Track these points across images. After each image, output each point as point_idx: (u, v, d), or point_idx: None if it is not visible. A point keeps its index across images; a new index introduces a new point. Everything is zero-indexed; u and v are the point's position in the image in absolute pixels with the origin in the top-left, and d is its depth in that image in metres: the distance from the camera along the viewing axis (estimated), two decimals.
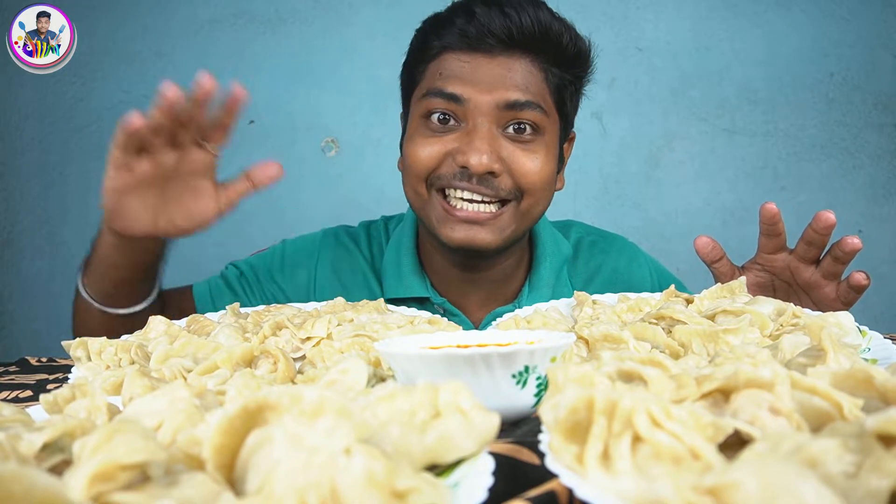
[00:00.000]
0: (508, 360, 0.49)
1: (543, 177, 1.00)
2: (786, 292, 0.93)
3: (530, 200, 1.00)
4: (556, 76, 1.01)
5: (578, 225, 1.26)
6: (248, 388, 0.51)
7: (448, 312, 1.10)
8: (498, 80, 0.97)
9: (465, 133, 0.97)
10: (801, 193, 2.19)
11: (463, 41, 0.98)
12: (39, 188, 2.24)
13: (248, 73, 2.23)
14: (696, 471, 0.32)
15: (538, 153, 0.99)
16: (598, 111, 2.24)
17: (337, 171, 2.24)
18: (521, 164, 0.98)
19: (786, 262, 0.90)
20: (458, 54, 0.98)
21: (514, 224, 1.01)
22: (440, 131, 0.99)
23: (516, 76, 0.97)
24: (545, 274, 1.12)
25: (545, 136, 1.01)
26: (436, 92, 0.98)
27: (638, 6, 2.24)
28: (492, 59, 0.97)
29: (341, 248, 1.19)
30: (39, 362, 0.94)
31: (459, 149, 0.97)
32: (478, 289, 1.11)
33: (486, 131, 0.96)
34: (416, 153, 1.00)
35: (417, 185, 1.02)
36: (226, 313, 0.91)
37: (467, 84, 0.97)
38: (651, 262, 1.24)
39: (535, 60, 0.99)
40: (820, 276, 0.88)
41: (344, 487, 0.29)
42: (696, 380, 0.40)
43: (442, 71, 0.99)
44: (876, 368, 0.40)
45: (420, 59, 1.03)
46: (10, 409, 0.43)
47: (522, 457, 0.41)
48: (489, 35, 0.96)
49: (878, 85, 2.22)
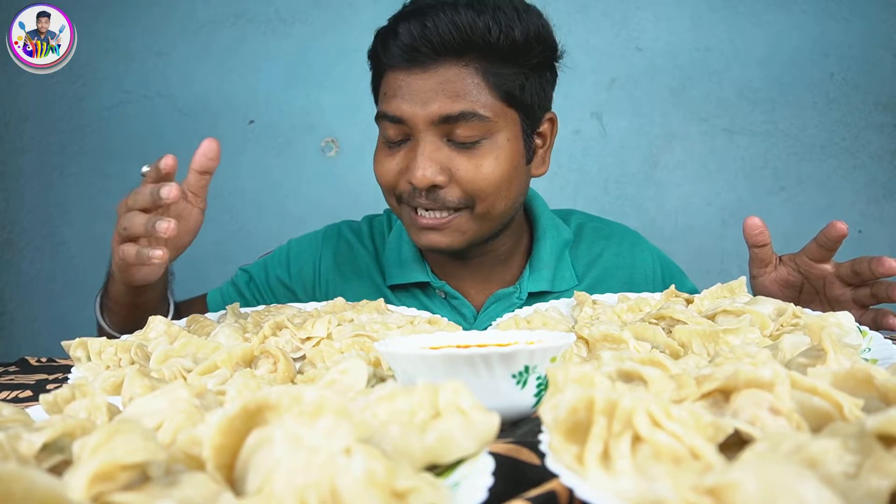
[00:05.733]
0: (508, 360, 0.49)
1: (493, 180, 0.98)
2: (810, 297, 0.93)
3: (485, 204, 1.00)
4: (496, 74, 0.97)
5: (579, 213, 1.26)
6: (248, 388, 0.51)
7: (449, 296, 1.12)
8: (431, 94, 0.95)
9: (411, 149, 0.99)
10: (801, 193, 2.19)
11: (399, 58, 0.97)
12: (39, 188, 2.24)
13: (248, 73, 2.23)
14: (696, 471, 0.32)
15: (486, 157, 0.98)
16: (598, 111, 2.24)
17: (337, 170, 2.25)
18: (466, 173, 0.97)
19: (823, 273, 0.90)
20: (396, 72, 0.99)
21: (472, 226, 1.02)
22: (395, 148, 1.01)
23: (449, 86, 0.95)
24: (545, 255, 1.13)
25: (494, 136, 0.98)
26: (382, 115, 1.00)
27: (638, 6, 2.24)
28: (425, 72, 0.96)
29: (343, 243, 1.21)
30: (39, 362, 0.94)
31: (407, 166, 0.99)
32: (475, 274, 1.13)
33: (428, 145, 0.97)
34: (378, 170, 1.04)
35: (389, 198, 1.06)
36: (226, 313, 0.91)
37: (405, 102, 0.97)
38: (653, 249, 1.24)
39: (470, 63, 0.96)
40: (850, 300, 0.88)
41: (344, 487, 0.29)
42: (696, 380, 0.40)
43: (386, 91, 1.00)
44: (876, 368, 0.40)
45: (375, 75, 1.06)
46: (10, 409, 0.43)
47: (522, 457, 0.41)
48: (414, 50, 0.95)
49: (878, 85, 2.22)
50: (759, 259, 0.93)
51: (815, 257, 0.89)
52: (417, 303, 1.12)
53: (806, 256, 0.90)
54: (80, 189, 2.24)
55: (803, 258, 0.91)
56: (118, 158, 2.21)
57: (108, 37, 2.20)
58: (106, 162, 2.22)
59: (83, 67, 2.19)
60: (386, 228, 1.22)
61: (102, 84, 2.22)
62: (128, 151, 2.21)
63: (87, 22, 2.15)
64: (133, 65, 2.22)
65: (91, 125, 2.23)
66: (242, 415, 0.34)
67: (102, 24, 2.19)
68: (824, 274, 0.90)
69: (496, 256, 1.12)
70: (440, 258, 1.13)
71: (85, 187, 2.23)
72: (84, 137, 2.23)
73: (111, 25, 2.21)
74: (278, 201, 2.23)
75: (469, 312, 1.11)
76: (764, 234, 0.92)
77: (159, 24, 2.22)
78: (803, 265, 0.91)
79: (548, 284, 1.11)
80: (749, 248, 0.93)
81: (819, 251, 0.88)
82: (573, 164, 2.23)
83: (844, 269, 0.88)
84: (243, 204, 2.23)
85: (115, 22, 2.21)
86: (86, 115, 2.22)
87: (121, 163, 2.20)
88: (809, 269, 0.91)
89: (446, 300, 1.12)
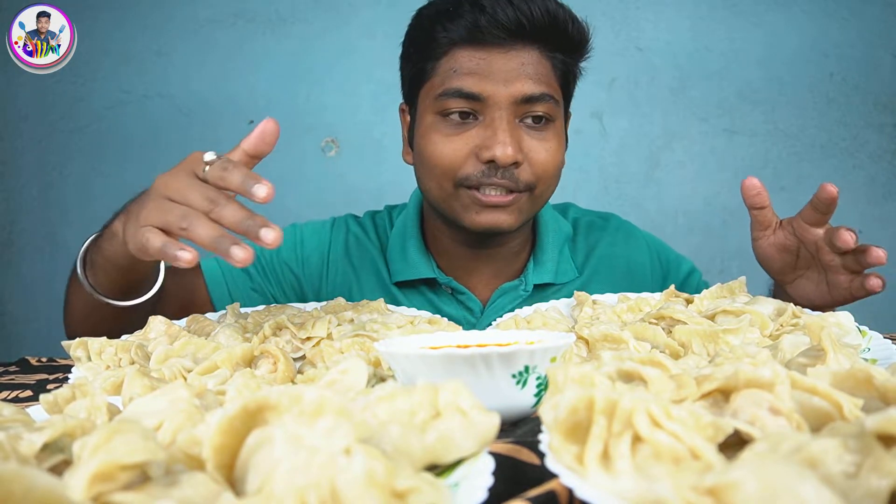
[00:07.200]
0: (508, 360, 0.49)
1: (556, 164, 1.04)
2: (807, 262, 0.93)
3: (543, 187, 1.03)
4: (561, 63, 1.04)
5: (574, 207, 1.30)
6: (247, 388, 0.51)
7: (455, 291, 1.12)
8: (513, 73, 0.98)
9: (485, 127, 0.99)
10: (801, 193, 2.17)
11: (473, 35, 0.98)
12: (39, 188, 2.24)
13: (248, 72, 2.23)
14: (696, 471, 0.32)
15: (551, 141, 1.02)
16: (598, 111, 2.24)
17: (337, 170, 2.25)
18: (538, 154, 1.00)
19: (815, 237, 0.89)
20: (470, 50, 0.99)
21: (529, 208, 1.05)
22: (459, 127, 1.00)
23: (529, 68, 0.99)
24: (548, 250, 1.15)
25: (556, 122, 1.03)
26: (454, 92, 0.99)
27: (638, 6, 2.24)
28: (505, 53, 0.98)
29: (351, 235, 1.20)
30: (39, 362, 0.94)
31: (484, 144, 0.98)
32: (486, 266, 1.13)
33: (507, 123, 0.98)
34: (438, 152, 1.01)
35: (444, 182, 1.02)
36: (226, 313, 0.91)
37: (484, 80, 0.98)
38: (646, 236, 1.26)
39: (544, 49, 1.01)
40: (839, 265, 0.88)
41: (344, 487, 0.29)
42: (696, 380, 0.40)
43: (456, 68, 0.99)
44: (876, 368, 0.40)
45: (427, 55, 1.03)
46: (10, 409, 0.43)
47: (522, 457, 0.41)
48: (500, 28, 0.97)
49: (878, 85, 2.22)
50: (759, 221, 0.93)
51: (810, 221, 0.88)
52: (424, 299, 1.12)
53: (801, 219, 0.89)
54: (79, 189, 2.24)
55: (798, 221, 0.90)
56: (118, 158, 2.21)
57: (108, 37, 2.20)
58: (106, 162, 2.22)
59: (83, 67, 2.19)
60: (388, 224, 1.21)
61: (102, 84, 2.21)
62: (127, 151, 2.20)
63: (87, 22, 2.15)
64: (133, 65, 2.22)
65: (91, 125, 2.23)
66: (242, 415, 0.34)
67: (102, 24, 2.19)
68: (816, 238, 0.89)
69: (510, 249, 1.13)
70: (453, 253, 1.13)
71: (85, 187, 2.23)
72: (84, 137, 2.23)
73: (111, 25, 2.21)
74: (278, 201, 2.20)
75: (476, 307, 1.11)
76: (762, 195, 0.91)
77: (159, 24, 2.22)
78: (798, 228, 0.90)
79: (552, 276, 1.13)
80: (749, 210, 0.93)
81: (813, 214, 0.87)
82: (573, 164, 2.21)
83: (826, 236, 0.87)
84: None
85: (115, 22, 2.21)
86: (85, 115, 2.22)
87: (120, 163, 2.20)
88: (804, 234, 0.90)
89: (453, 295, 1.12)
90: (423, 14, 1.06)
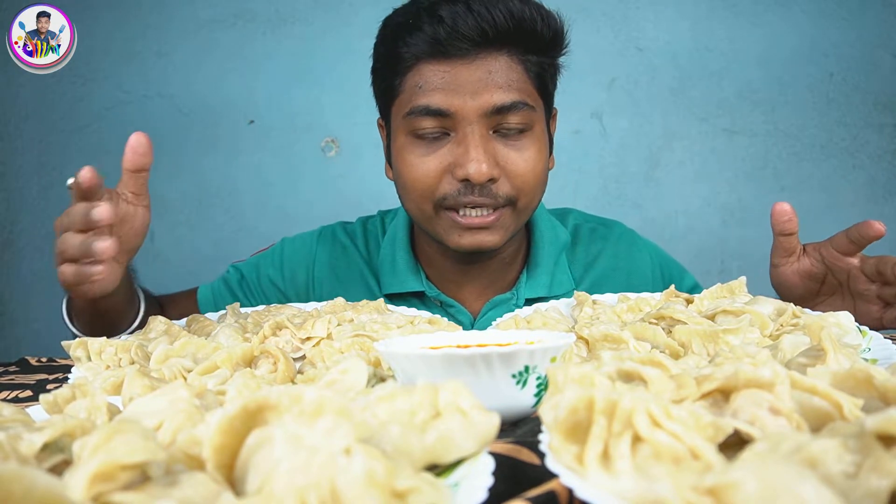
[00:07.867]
0: (508, 360, 0.49)
1: (537, 174, 0.98)
2: (832, 289, 0.90)
3: (527, 198, 0.99)
4: (535, 64, 0.97)
5: (575, 212, 1.24)
6: (248, 388, 0.51)
7: (445, 304, 1.10)
8: (480, 84, 0.92)
9: (457, 143, 0.94)
10: (801, 193, 2.19)
11: (435, 49, 0.93)
12: (39, 188, 2.24)
13: (249, 73, 2.23)
14: (696, 471, 0.32)
15: (529, 150, 0.97)
16: (598, 111, 2.24)
17: (337, 171, 2.24)
18: (516, 166, 0.96)
19: (849, 267, 0.87)
20: (434, 64, 0.94)
21: (513, 222, 1.01)
22: (432, 145, 0.96)
23: (498, 77, 0.93)
24: (543, 261, 1.11)
25: (534, 128, 0.98)
26: (422, 110, 0.94)
27: (638, 6, 2.24)
28: (470, 64, 0.93)
29: (337, 246, 1.18)
30: (39, 362, 0.94)
31: (456, 162, 0.94)
32: (476, 280, 1.10)
33: (479, 138, 0.93)
34: (412, 173, 0.97)
35: (423, 204, 0.99)
36: (226, 313, 0.91)
37: (451, 95, 0.93)
38: (650, 246, 1.23)
39: (514, 53, 0.95)
40: (875, 295, 0.85)
41: (344, 487, 0.29)
42: (696, 380, 0.40)
43: (421, 84, 0.95)
44: (876, 368, 0.40)
45: (394, 71, 0.98)
46: (10, 409, 0.43)
47: (522, 457, 0.41)
48: (462, 39, 0.91)
49: (878, 85, 2.22)
50: (784, 248, 0.90)
51: (843, 250, 0.86)
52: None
53: (833, 248, 0.87)
54: None
55: (830, 249, 0.87)
56: (118, 159, 2.20)
57: (108, 37, 2.20)
58: (106, 162, 2.22)
59: (83, 67, 2.19)
60: (380, 232, 1.19)
61: (102, 84, 2.21)
62: None
63: (87, 22, 2.15)
64: (133, 65, 2.22)
65: (91, 125, 2.23)
66: (242, 415, 0.34)
67: (102, 24, 2.19)
68: (850, 267, 0.86)
69: (501, 260, 1.10)
70: (442, 265, 1.10)
71: None
72: (84, 137, 2.23)
73: (111, 25, 2.21)
74: (278, 201, 2.23)
75: (466, 319, 1.09)
76: (792, 221, 0.88)
77: (160, 24, 2.22)
78: (829, 256, 0.87)
79: (545, 290, 1.09)
80: (775, 235, 0.89)
81: (848, 245, 0.85)
82: (573, 164, 2.22)
83: (869, 266, 0.85)
84: (243, 204, 2.23)
85: (116, 22, 2.21)
86: (86, 115, 2.22)
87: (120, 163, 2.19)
88: (835, 262, 0.87)
89: (442, 308, 1.10)
90: (387, 27, 1.01)
